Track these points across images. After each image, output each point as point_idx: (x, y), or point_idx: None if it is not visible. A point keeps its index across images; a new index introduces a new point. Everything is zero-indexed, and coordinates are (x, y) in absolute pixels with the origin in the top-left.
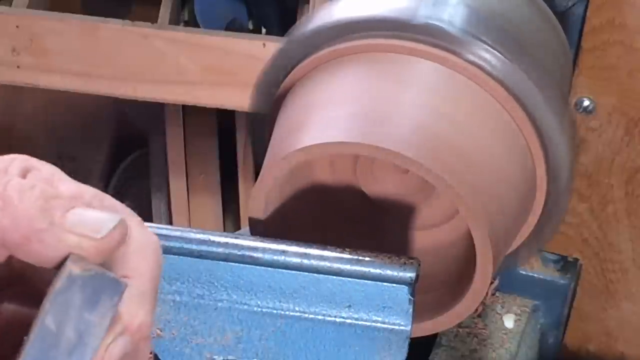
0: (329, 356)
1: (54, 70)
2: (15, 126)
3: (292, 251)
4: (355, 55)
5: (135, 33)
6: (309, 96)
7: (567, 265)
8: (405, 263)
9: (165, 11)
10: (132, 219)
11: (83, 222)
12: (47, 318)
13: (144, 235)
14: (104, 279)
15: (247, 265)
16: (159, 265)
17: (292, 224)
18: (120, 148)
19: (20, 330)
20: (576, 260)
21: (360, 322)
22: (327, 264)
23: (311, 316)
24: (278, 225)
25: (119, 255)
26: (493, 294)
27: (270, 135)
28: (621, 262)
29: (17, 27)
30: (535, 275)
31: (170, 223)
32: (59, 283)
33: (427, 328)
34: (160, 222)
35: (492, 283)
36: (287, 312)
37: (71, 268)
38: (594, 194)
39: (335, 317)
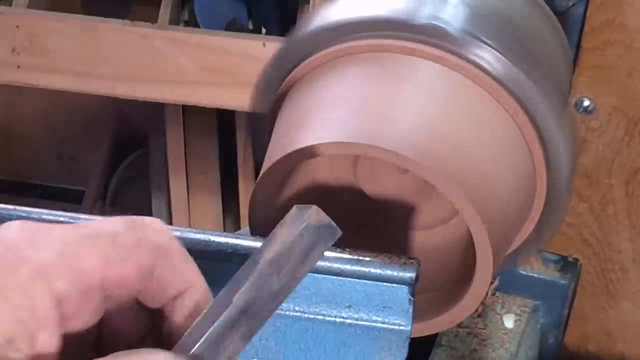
0: (329, 356)
1: (54, 70)
2: (15, 126)
3: None
4: (355, 56)
5: (135, 33)
6: (309, 96)
7: (567, 265)
8: (405, 263)
9: (165, 11)
10: None
11: None
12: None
13: None
14: (322, 226)
15: None
16: None
17: None
18: (120, 148)
19: None
20: (576, 260)
21: (360, 322)
22: (327, 264)
23: (311, 316)
24: None
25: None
26: (493, 294)
27: (270, 135)
28: (621, 262)
29: (17, 27)
30: (535, 275)
31: (170, 223)
32: (287, 218)
33: (427, 328)
34: None
35: (492, 283)
36: (287, 312)
37: (294, 211)
38: (594, 194)
39: (335, 317)
